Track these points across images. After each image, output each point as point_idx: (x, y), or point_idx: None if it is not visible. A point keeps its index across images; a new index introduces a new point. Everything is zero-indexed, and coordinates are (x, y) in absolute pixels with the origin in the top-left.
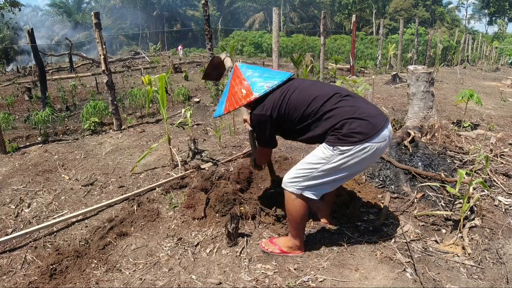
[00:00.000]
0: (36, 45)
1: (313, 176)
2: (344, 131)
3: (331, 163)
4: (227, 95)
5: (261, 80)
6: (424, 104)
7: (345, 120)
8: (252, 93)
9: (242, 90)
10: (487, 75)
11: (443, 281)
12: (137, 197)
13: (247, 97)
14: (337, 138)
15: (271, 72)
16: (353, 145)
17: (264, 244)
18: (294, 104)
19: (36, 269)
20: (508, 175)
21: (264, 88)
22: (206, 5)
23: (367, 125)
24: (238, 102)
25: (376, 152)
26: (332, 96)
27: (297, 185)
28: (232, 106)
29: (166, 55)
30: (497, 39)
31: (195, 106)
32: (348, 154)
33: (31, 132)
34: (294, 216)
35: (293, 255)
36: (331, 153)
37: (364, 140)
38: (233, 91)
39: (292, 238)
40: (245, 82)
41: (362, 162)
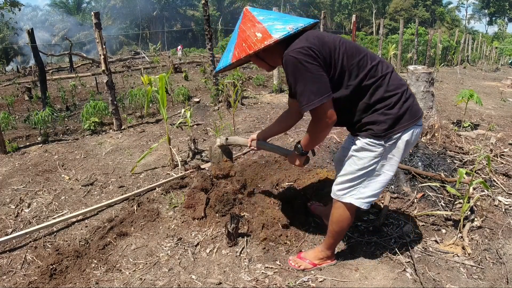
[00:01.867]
0: (36, 45)
1: (372, 179)
2: (394, 110)
3: (387, 157)
4: (235, 42)
5: (280, 23)
6: (424, 104)
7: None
8: (270, 36)
9: (257, 33)
10: (487, 75)
11: (443, 281)
12: (137, 197)
13: (264, 40)
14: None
15: (291, 17)
16: (402, 130)
17: (293, 262)
18: (344, 47)
19: (36, 269)
20: (508, 175)
21: (286, 30)
22: (206, 5)
23: (416, 106)
24: (252, 46)
25: (418, 137)
26: (380, 60)
27: (357, 194)
28: (244, 52)
29: (166, 55)
30: (497, 39)
31: (195, 106)
32: (400, 141)
33: (31, 132)
34: (342, 227)
35: (326, 265)
36: (382, 147)
37: (413, 123)
38: (244, 35)
39: (325, 249)
40: (260, 25)
41: (407, 149)
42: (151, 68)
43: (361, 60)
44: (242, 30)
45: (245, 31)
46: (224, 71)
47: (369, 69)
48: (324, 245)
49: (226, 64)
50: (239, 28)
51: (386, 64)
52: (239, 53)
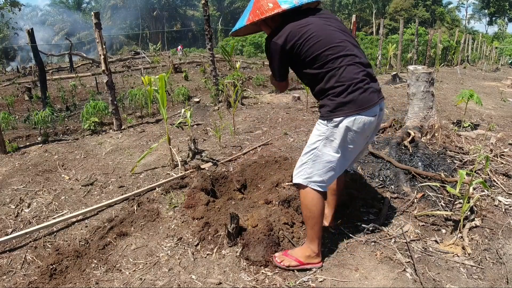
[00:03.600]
0: (36, 45)
1: (316, 159)
2: (340, 98)
3: (328, 138)
4: (251, 9)
5: None
6: (424, 104)
7: (347, 85)
8: (279, 6)
9: (269, 3)
10: (487, 75)
11: (443, 281)
12: (137, 197)
13: (274, 9)
14: (329, 110)
15: None
16: (344, 115)
17: (278, 259)
18: (310, 43)
19: (36, 269)
20: (508, 175)
21: (293, 3)
22: (206, 5)
23: (362, 96)
24: (264, 13)
25: (366, 126)
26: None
27: (303, 174)
28: (257, 16)
29: (166, 55)
30: (497, 39)
31: (195, 106)
32: (341, 126)
33: (31, 132)
34: (311, 211)
35: (312, 266)
36: (326, 127)
37: (356, 111)
38: (258, 4)
39: (310, 244)
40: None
41: (356, 138)
42: (151, 68)
43: (324, 52)
44: (256, 0)
45: (259, 1)
46: (238, 34)
47: (328, 60)
48: (307, 239)
49: (242, 25)
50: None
51: (350, 58)
52: (253, 17)
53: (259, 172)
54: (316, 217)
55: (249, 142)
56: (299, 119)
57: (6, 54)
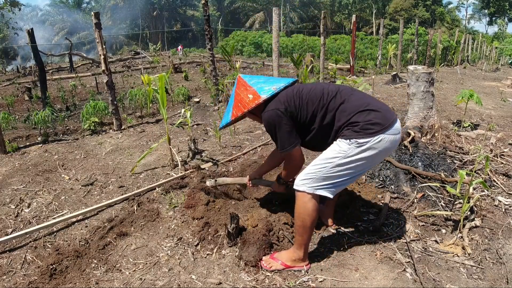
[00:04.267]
0: (36, 45)
1: (327, 172)
2: (360, 123)
3: (348, 157)
4: (233, 103)
5: (267, 84)
6: (424, 104)
7: (360, 112)
8: (259, 96)
9: (249, 95)
10: (487, 75)
11: (443, 281)
12: (137, 197)
13: (254, 100)
14: (353, 131)
15: (275, 78)
16: (371, 136)
17: (265, 263)
18: (307, 97)
19: (36, 269)
20: (508, 175)
21: (271, 90)
22: (206, 5)
23: (382, 116)
24: (246, 106)
25: (391, 145)
26: (341, 90)
27: (309, 183)
28: (240, 111)
29: (166, 55)
30: (497, 39)
31: (195, 106)
32: (366, 147)
33: (31, 132)
34: (305, 221)
35: (298, 269)
36: (348, 146)
37: (381, 131)
38: (239, 98)
39: (296, 250)
40: (251, 88)
41: (378, 155)
42: (151, 68)
43: (322, 99)
44: (237, 93)
45: (240, 94)
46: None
47: (329, 102)
48: (295, 244)
49: (227, 121)
50: (235, 92)
51: (346, 91)
52: (236, 112)
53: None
54: (308, 226)
55: (249, 142)
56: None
57: (6, 54)
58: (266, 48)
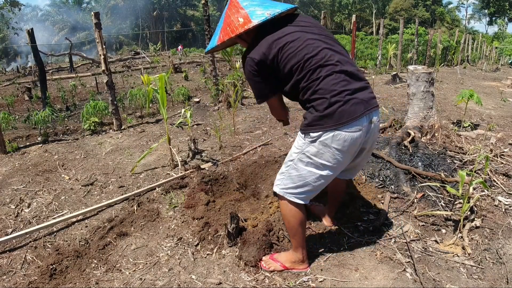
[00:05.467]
0: (36, 45)
1: (292, 170)
2: (318, 112)
3: (304, 153)
4: (221, 26)
5: (261, 8)
6: (424, 104)
7: (326, 98)
8: (250, 21)
9: (239, 18)
10: (487, 75)
11: (443, 281)
12: (137, 197)
13: (244, 25)
14: (307, 124)
15: (272, 2)
16: (321, 130)
17: (265, 263)
18: (288, 57)
19: (36, 269)
20: (508, 175)
21: (264, 15)
22: (206, 5)
23: (342, 109)
24: (234, 30)
25: (347, 143)
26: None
27: (281, 185)
28: (227, 35)
29: (166, 55)
30: (497, 39)
31: (195, 106)
32: (318, 142)
33: (31, 132)
34: (291, 223)
35: (297, 271)
36: (303, 141)
37: (335, 125)
38: (228, 20)
39: (295, 252)
40: (243, 11)
41: (337, 154)
42: (151, 68)
43: (302, 64)
44: (227, 15)
45: (230, 16)
46: (213, 52)
47: (307, 72)
48: (292, 246)
49: (213, 45)
50: (225, 13)
51: (328, 68)
52: (223, 36)
53: (259, 172)
54: (295, 227)
55: (249, 142)
56: (299, 119)
57: (6, 54)
58: None
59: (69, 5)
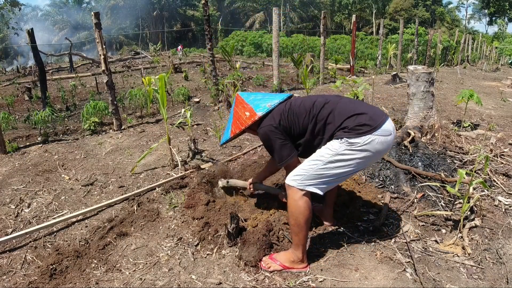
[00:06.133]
0: (36, 45)
1: (318, 169)
2: (350, 126)
3: (338, 155)
4: (232, 121)
5: (262, 101)
6: (424, 104)
7: (348, 118)
8: (255, 113)
9: (246, 112)
10: (487, 75)
11: (443, 281)
12: (137, 197)
13: (251, 118)
14: (343, 132)
15: (271, 95)
16: (360, 136)
17: (264, 263)
18: (298, 111)
19: (36, 269)
20: (508, 175)
21: (266, 107)
22: (206, 5)
23: (369, 118)
24: (243, 123)
25: (382, 146)
26: (329, 101)
27: (300, 179)
28: (238, 128)
29: (166, 55)
30: (497, 39)
31: (195, 106)
32: (355, 148)
33: (31, 132)
34: (298, 220)
35: (297, 271)
36: (339, 144)
37: (369, 131)
38: (237, 115)
39: (294, 251)
40: (248, 106)
41: (369, 157)
42: (151, 68)
43: (311, 111)
44: (236, 111)
45: (238, 112)
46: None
47: (317, 113)
48: (292, 245)
49: (227, 138)
50: (233, 110)
51: (333, 101)
52: (234, 129)
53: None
54: (302, 225)
55: (249, 142)
56: None
57: (6, 54)
58: (266, 48)
59: (69, 5)
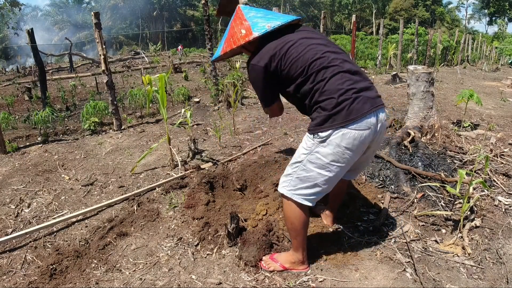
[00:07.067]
0: (36, 45)
1: (301, 172)
2: (326, 112)
3: (313, 153)
4: (226, 37)
5: (263, 20)
6: (424, 104)
7: (331, 98)
8: (251, 33)
9: (242, 30)
10: (487, 75)
11: (443, 281)
12: (137, 197)
13: (246, 37)
14: (316, 123)
15: (275, 14)
16: (331, 129)
17: (265, 263)
18: (292, 61)
19: (36, 269)
20: (508, 175)
21: (265, 28)
22: (206, 5)
23: (351, 106)
24: (236, 42)
25: (355, 141)
26: (329, 64)
27: (288, 186)
28: (229, 46)
29: (166, 55)
30: (497, 39)
31: (195, 106)
32: (327, 141)
33: (31, 132)
34: (293, 224)
35: (297, 271)
36: (312, 142)
37: (342, 123)
38: (232, 32)
39: (295, 252)
40: (246, 23)
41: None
42: (151, 68)
43: (305, 67)
44: (232, 26)
45: (234, 28)
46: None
47: (310, 74)
48: (292, 247)
49: (217, 55)
50: (230, 24)
51: (333, 68)
52: (226, 47)
53: (259, 172)
54: (298, 229)
55: (249, 142)
56: (299, 119)
57: (6, 54)
58: None
59: (69, 5)
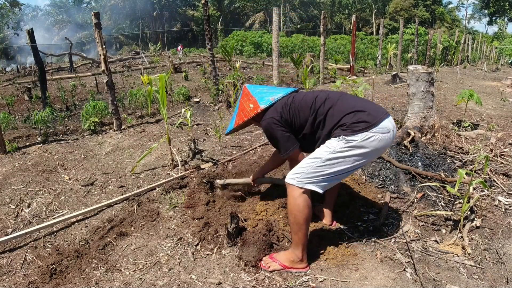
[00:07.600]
0: (36, 45)
1: (317, 166)
2: (347, 123)
3: (336, 152)
4: (237, 112)
5: (267, 95)
6: (424, 104)
7: (347, 115)
8: (259, 106)
9: (250, 104)
10: (487, 75)
11: (443, 281)
12: (137, 197)
13: (254, 110)
14: (341, 130)
15: (277, 88)
16: (357, 133)
17: (264, 263)
18: (299, 105)
19: (36, 269)
20: (508, 175)
21: (269, 101)
22: (206, 5)
23: (368, 115)
24: (247, 115)
25: (379, 143)
26: (330, 97)
27: (299, 177)
28: (241, 119)
29: (166, 55)
30: (497, 39)
31: (195, 106)
32: (352, 144)
33: (31, 132)
34: (296, 218)
35: (297, 271)
36: (336, 142)
37: (366, 128)
38: (242, 107)
39: (294, 250)
40: (252, 98)
41: (367, 154)
42: (151, 68)
43: (312, 106)
44: (241, 102)
45: (243, 104)
46: (232, 133)
47: (318, 108)
48: (292, 244)
49: (231, 128)
50: (239, 101)
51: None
52: (239, 120)
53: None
54: (301, 223)
55: (249, 142)
56: None
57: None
58: (266, 48)
59: (69, 5)
